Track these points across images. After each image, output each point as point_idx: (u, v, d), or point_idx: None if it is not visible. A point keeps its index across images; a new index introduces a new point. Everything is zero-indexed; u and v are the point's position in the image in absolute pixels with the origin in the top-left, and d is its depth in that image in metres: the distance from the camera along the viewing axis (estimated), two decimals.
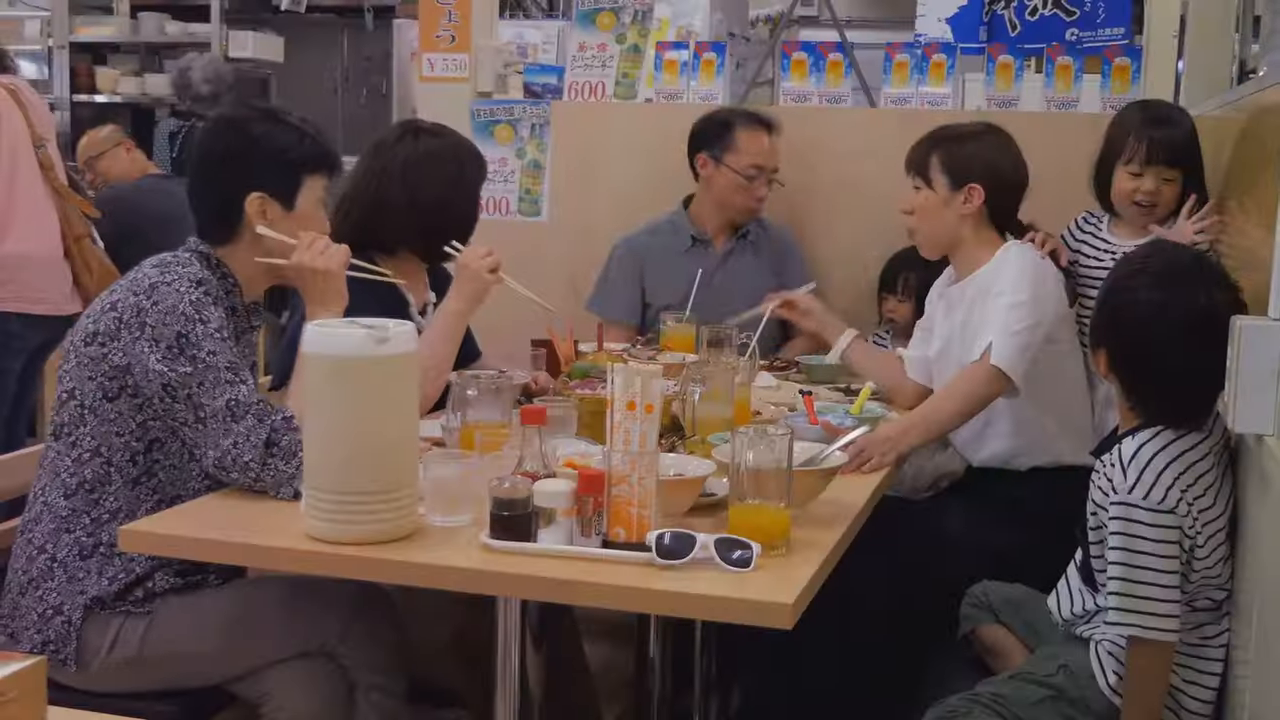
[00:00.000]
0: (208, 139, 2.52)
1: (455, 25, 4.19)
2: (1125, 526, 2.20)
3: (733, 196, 3.78)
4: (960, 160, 3.04)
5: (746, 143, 3.73)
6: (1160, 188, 3.08)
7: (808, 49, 4.10)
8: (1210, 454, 2.27)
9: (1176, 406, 2.27)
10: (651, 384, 2.04)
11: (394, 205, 3.01)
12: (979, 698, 2.33)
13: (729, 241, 3.85)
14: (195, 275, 2.38)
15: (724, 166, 3.75)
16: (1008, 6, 4.13)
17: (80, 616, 2.36)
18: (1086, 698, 2.32)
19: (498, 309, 2.99)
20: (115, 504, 2.39)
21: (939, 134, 3.11)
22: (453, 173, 3.05)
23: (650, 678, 2.92)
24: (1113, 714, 2.29)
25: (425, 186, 3.01)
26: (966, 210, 3.03)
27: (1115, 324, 2.33)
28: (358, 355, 2.06)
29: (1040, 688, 2.34)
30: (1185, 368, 2.23)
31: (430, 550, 2.08)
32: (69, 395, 2.39)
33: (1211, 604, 2.26)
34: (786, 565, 2.03)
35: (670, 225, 3.88)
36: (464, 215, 3.07)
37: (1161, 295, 2.26)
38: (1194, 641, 2.27)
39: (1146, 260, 2.37)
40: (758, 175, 3.73)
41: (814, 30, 8.13)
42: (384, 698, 2.45)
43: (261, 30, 7.74)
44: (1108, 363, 2.34)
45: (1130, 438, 2.27)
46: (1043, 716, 2.31)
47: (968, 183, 3.02)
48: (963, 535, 2.93)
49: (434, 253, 3.05)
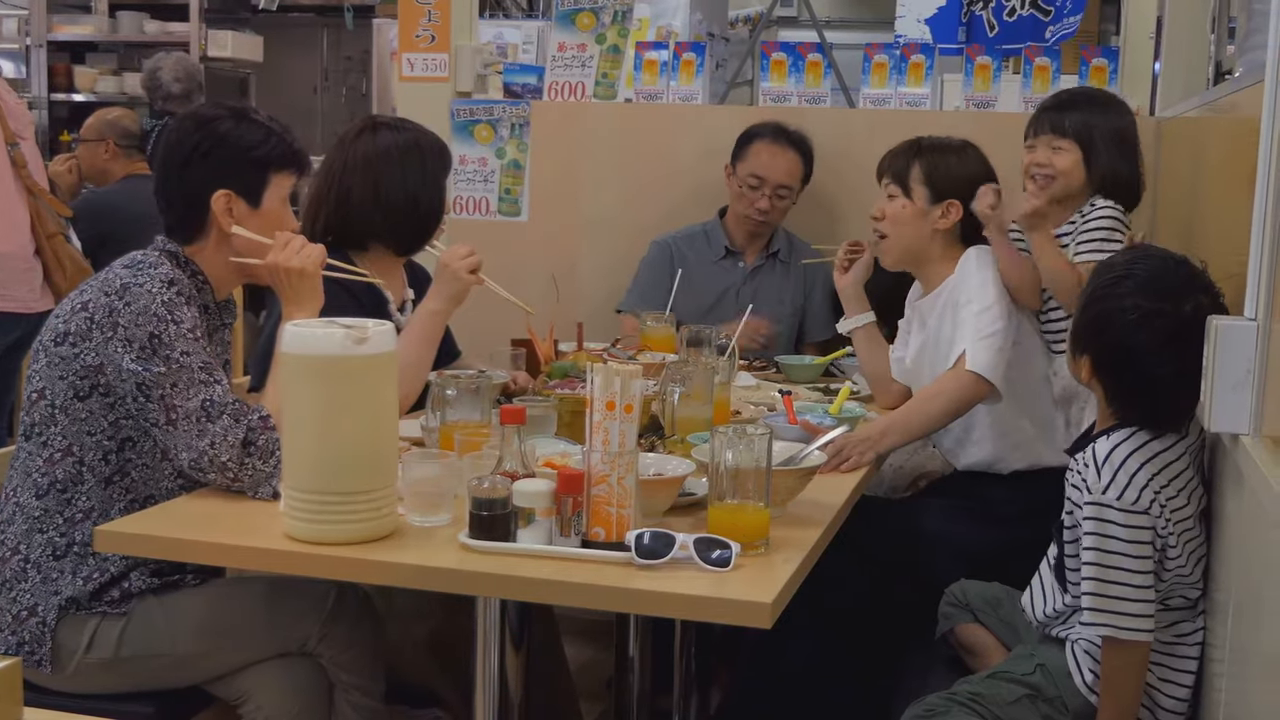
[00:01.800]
0: (175, 137, 2.51)
1: (435, 25, 4.18)
2: (1099, 527, 2.21)
3: (736, 205, 3.82)
4: (943, 174, 3.03)
5: (756, 153, 3.75)
6: (1051, 159, 3.06)
7: (787, 49, 4.10)
8: (1185, 454, 2.28)
9: (1160, 412, 2.27)
10: (631, 384, 2.04)
11: (357, 201, 2.99)
12: (956, 696, 2.33)
13: (759, 257, 3.87)
14: (166, 275, 2.36)
15: (735, 175, 3.80)
16: (986, 7, 4.15)
17: (55, 617, 2.36)
18: (1063, 696, 2.33)
19: (478, 309, 2.99)
20: (88, 503, 2.38)
21: (922, 144, 3.09)
22: (414, 165, 3.04)
23: (630, 677, 2.92)
24: (1089, 712, 2.30)
25: (387, 181, 3.00)
26: (942, 225, 3.02)
27: (1099, 331, 2.31)
28: (336, 355, 2.05)
29: (1018, 686, 2.35)
30: (1170, 375, 2.22)
31: (409, 550, 2.08)
32: (39, 395, 2.38)
33: (1186, 602, 2.27)
34: (765, 564, 2.04)
35: (704, 233, 3.89)
36: (429, 207, 3.05)
37: (1146, 302, 2.23)
38: (1169, 640, 2.28)
39: (1130, 266, 2.33)
40: (758, 186, 3.74)
41: (793, 31, 8.17)
42: (363, 698, 2.45)
43: (241, 30, 7.73)
44: (1090, 369, 2.33)
45: (1105, 437, 2.27)
46: (1020, 715, 2.31)
47: (948, 198, 3.02)
48: (941, 535, 2.94)
49: (405, 246, 3.05)
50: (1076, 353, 2.36)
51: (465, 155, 4.18)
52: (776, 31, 8.32)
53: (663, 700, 3.07)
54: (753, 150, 3.76)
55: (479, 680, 2.25)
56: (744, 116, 3.96)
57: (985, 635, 2.64)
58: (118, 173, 5.24)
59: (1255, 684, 1.76)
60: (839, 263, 3.29)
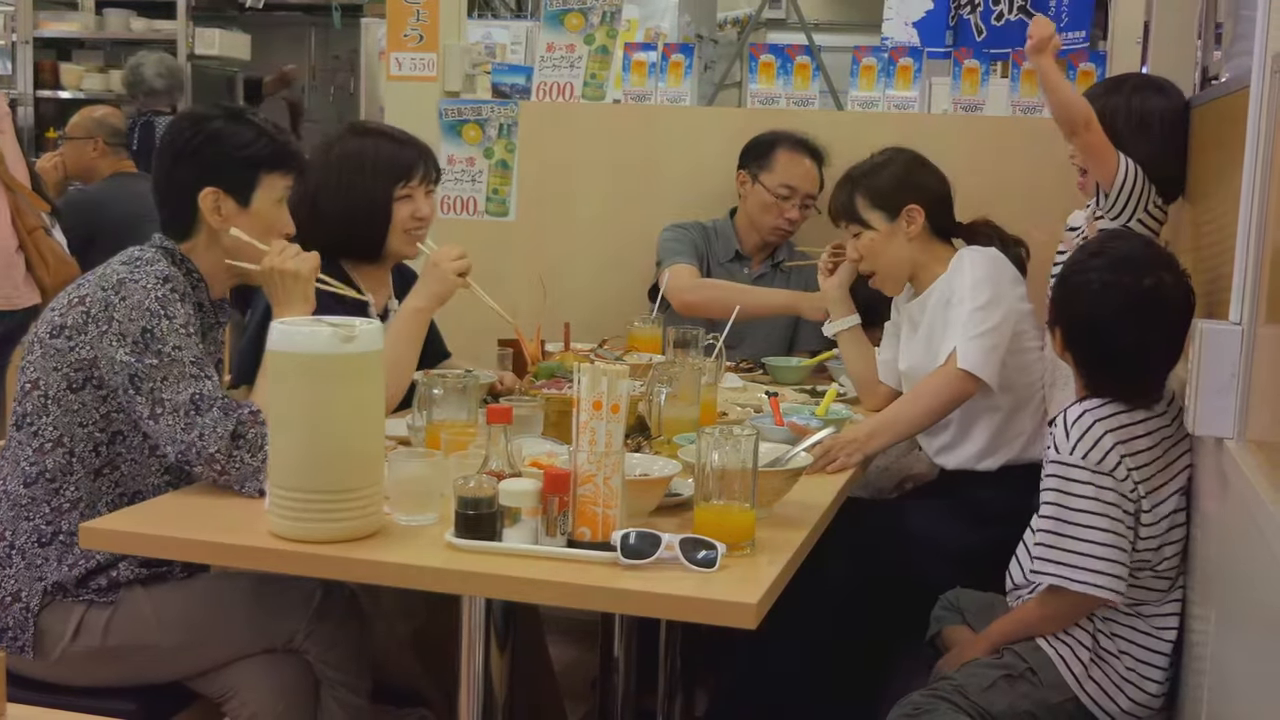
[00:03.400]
0: (169, 135, 2.52)
1: (423, 24, 4.18)
2: (1060, 484, 2.31)
3: (763, 215, 3.78)
4: (885, 189, 3.05)
5: (785, 163, 3.74)
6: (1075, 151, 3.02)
7: (775, 51, 4.10)
8: (1155, 433, 2.35)
9: (1125, 382, 2.37)
10: (618, 384, 2.04)
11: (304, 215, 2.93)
12: (939, 691, 2.37)
13: (764, 265, 3.87)
14: (163, 272, 2.38)
15: (759, 185, 3.76)
16: (974, 11, 4.15)
17: (39, 603, 2.36)
18: (1033, 666, 2.39)
19: (465, 308, 2.98)
20: (75, 494, 2.39)
21: (853, 175, 3.11)
22: (351, 174, 2.97)
23: (615, 677, 2.92)
24: (1060, 682, 2.35)
25: (322, 191, 2.95)
26: (913, 233, 3.03)
27: (1068, 303, 2.43)
28: (324, 353, 2.05)
29: (991, 670, 2.40)
30: (1131, 345, 2.34)
31: (395, 549, 2.08)
32: (32, 386, 2.39)
33: (1152, 593, 2.32)
34: (751, 565, 2.04)
35: (714, 232, 3.88)
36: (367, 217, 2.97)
37: (1111, 276, 2.35)
38: (1132, 635, 2.34)
39: (1103, 245, 2.47)
40: (789, 196, 3.74)
41: (781, 33, 8.18)
42: (349, 695, 2.45)
43: (228, 28, 7.71)
44: (1062, 341, 2.43)
45: (1076, 404, 2.37)
46: (997, 698, 2.37)
47: (903, 206, 3.03)
48: (930, 536, 2.94)
49: (358, 254, 3.01)
50: (1051, 326, 2.48)
51: (453, 155, 4.18)
52: (765, 34, 8.33)
53: (647, 700, 3.07)
54: (780, 160, 3.74)
55: (464, 680, 2.25)
56: (732, 118, 3.96)
57: (968, 633, 2.65)
58: (104, 170, 5.23)
59: (1238, 687, 1.77)
60: (823, 266, 3.29)
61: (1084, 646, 2.35)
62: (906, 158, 3.11)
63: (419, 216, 3.01)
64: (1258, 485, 1.68)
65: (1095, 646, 2.35)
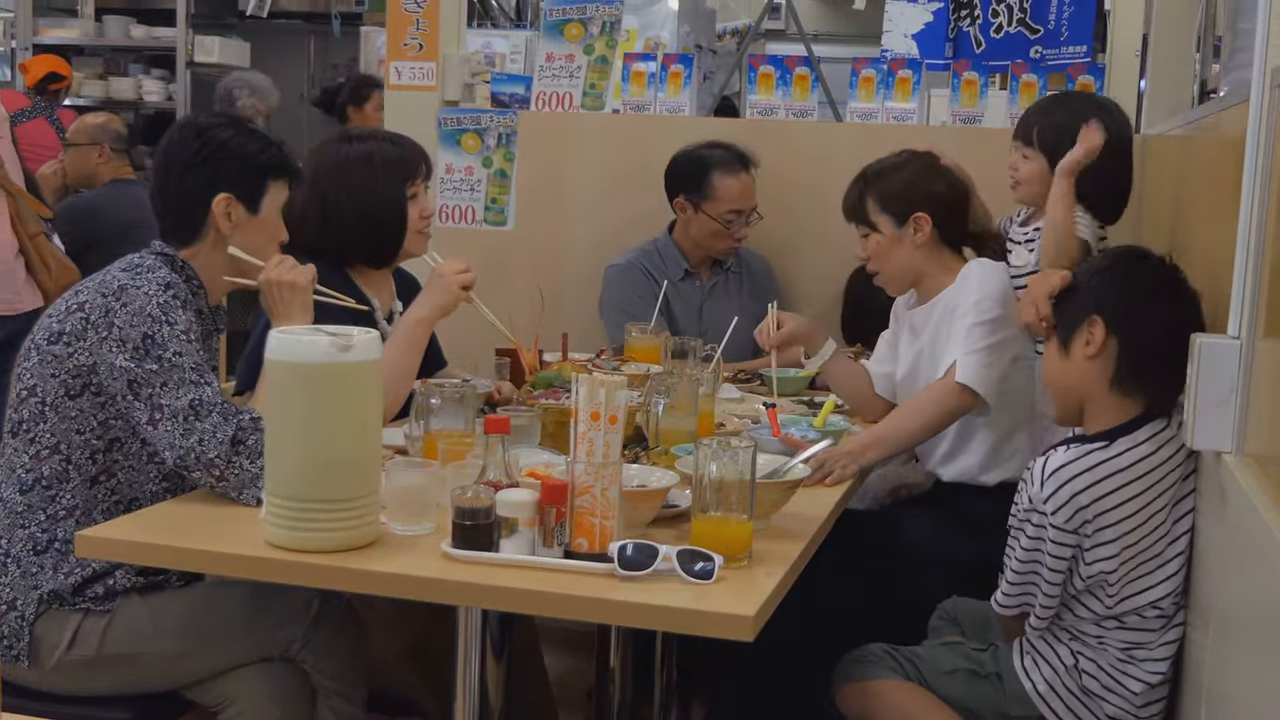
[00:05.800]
0: (174, 144, 2.52)
1: (423, 34, 4.18)
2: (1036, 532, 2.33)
3: (713, 241, 3.79)
4: (896, 194, 3.03)
5: (724, 189, 3.73)
6: (1018, 164, 3.07)
7: (774, 62, 4.11)
8: (1138, 464, 2.28)
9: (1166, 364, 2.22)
10: (615, 395, 2.04)
11: (313, 219, 2.93)
12: (896, 652, 2.48)
13: (714, 275, 3.88)
14: (164, 279, 2.39)
15: (702, 214, 3.76)
16: (973, 24, 4.16)
17: (34, 611, 2.36)
18: (1003, 674, 2.41)
19: (463, 319, 2.98)
20: (72, 501, 2.38)
21: (867, 175, 3.09)
22: (362, 177, 2.97)
23: (611, 688, 2.91)
24: (1025, 698, 2.37)
25: (333, 196, 2.95)
26: (919, 241, 3.02)
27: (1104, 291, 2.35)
28: (321, 362, 2.05)
29: (963, 659, 2.45)
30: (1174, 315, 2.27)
31: (391, 559, 2.07)
32: (29, 392, 2.38)
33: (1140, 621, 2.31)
34: (748, 577, 2.04)
35: (658, 253, 3.86)
36: (383, 217, 2.98)
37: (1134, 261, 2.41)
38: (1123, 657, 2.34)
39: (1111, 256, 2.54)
40: (736, 219, 3.74)
41: (781, 44, 8.20)
42: (345, 704, 2.45)
43: (227, 36, 7.71)
44: (1103, 333, 2.31)
45: (1054, 451, 2.34)
46: (950, 686, 2.41)
47: (911, 214, 3.02)
48: (926, 547, 2.94)
49: (372, 258, 3.02)
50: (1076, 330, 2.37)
51: (451, 164, 4.18)
52: (764, 45, 8.35)
53: (643, 711, 3.06)
54: (718, 186, 3.72)
55: (459, 690, 2.24)
56: (730, 129, 3.96)
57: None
58: (105, 176, 5.24)
59: (1237, 701, 1.77)
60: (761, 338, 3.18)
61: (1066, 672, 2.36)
62: (921, 163, 3.08)
63: (427, 214, 3.05)
64: (1256, 499, 1.68)
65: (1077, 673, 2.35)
